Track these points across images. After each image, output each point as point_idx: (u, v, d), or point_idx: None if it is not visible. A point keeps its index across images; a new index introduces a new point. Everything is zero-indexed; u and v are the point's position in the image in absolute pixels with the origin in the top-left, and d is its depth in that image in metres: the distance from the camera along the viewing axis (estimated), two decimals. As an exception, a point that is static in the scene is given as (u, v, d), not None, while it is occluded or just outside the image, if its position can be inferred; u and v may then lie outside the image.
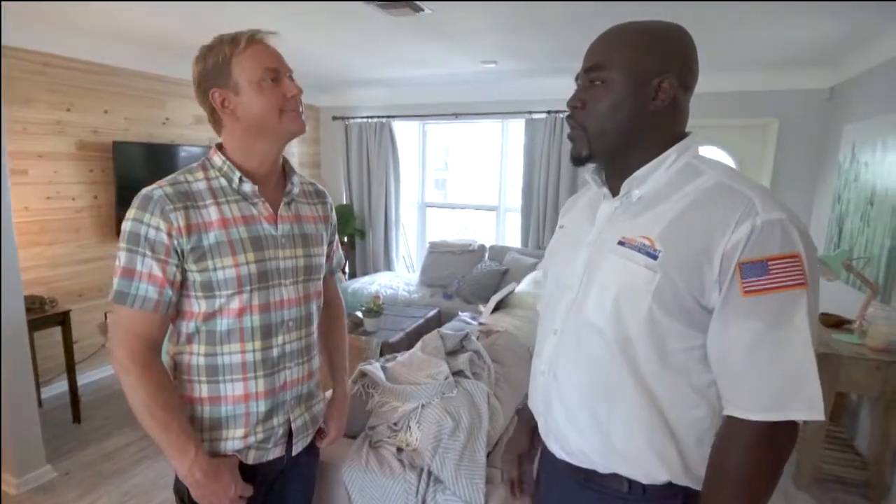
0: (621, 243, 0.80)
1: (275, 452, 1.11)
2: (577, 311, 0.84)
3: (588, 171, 0.93)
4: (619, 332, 0.78)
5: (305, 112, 1.09)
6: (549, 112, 4.27)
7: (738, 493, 0.73)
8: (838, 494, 2.36)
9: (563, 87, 4.18)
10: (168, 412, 0.98)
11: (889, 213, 2.49)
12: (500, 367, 1.92)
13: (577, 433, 0.85)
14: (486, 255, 4.41)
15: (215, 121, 1.05)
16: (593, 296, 0.82)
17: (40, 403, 2.92)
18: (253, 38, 1.01)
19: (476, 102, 4.58)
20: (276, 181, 1.12)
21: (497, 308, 2.67)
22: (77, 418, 2.88)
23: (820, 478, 2.40)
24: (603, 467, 0.84)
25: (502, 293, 2.70)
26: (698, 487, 0.79)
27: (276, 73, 1.02)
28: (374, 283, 4.35)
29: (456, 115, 4.67)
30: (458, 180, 5.66)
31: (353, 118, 5.04)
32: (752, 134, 3.83)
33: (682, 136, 0.83)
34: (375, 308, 3.05)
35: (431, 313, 3.47)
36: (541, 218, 4.44)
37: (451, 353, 1.88)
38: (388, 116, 4.89)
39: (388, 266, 5.13)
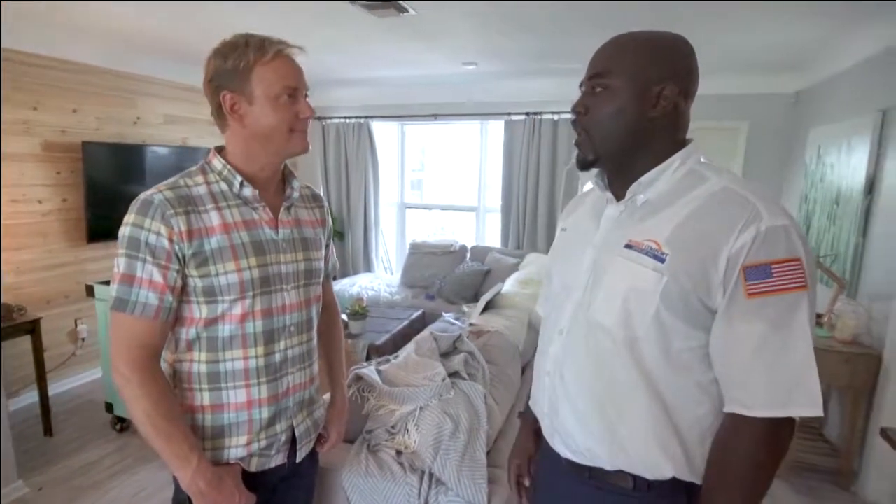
0: (628, 246, 0.82)
1: (277, 459, 1.10)
2: (585, 313, 0.86)
3: (592, 176, 0.96)
4: (627, 332, 0.80)
5: None
6: (527, 114, 4.32)
7: (741, 488, 0.76)
8: (811, 482, 2.47)
9: (541, 90, 4.25)
10: (171, 421, 0.96)
11: (854, 212, 2.62)
12: (494, 368, 1.94)
13: (584, 432, 0.87)
14: (468, 256, 4.43)
15: (220, 118, 1.04)
16: (601, 297, 0.84)
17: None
18: (280, 52, 0.99)
19: (455, 103, 4.60)
20: (276, 186, 1.11)
21: (485, 309, 2.69)
22: (48, 431, 2.77)
23: (793, 466, 2.51)
24: (609, 465, 0.85)
25: (490, 294, 2.72)
26: (699, 481, 0.82)
27: (295, 91, 1.01)
28: (355, 286, 4.32)
29: (435, 116, 4.68)
30: (435, 181, 5.66)
31: (331, 118, 4.99)
32: (723, 136, 3.97)
33: (683, 142, 0.86)
34: (360, 310, 3.02)
35: (416, 314, 3.46)
36: (520, 218, 4.48)
37: (445, 355, 1.89)
38: (367, 117, 4.86)
39: (368, 267, 5.10)
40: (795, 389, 0.73)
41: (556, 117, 4.23)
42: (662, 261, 0.77)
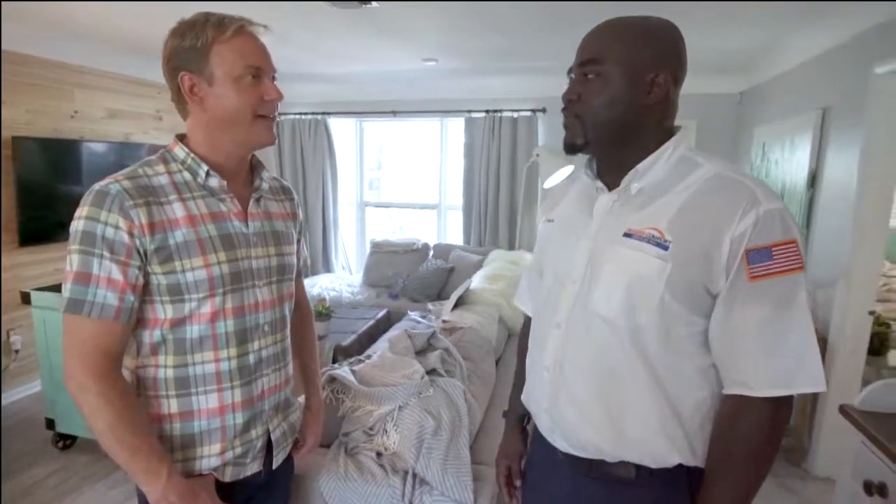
0: (628, 235, 0.81)
1: (252, 467, 1.04)
2: (583, 304, 0.85)
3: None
4: (631, 321, 0.80)
5: None
6: (487, 111, 4.34)
7: (746, 468, 0.78)
8: (765, 460, 2.60)
9: (501, 87, 4.28)
10: (136, 433, 0.88)
11: (798, 205, 2.78)
12: (470, 364, 1.93)
13: (587, 425, 0.86)
14: (431, 254, 4.40)
15: (180, 103, 0.96)
16: (601, 288, 0.83)
17: (-68, 438, 2.53)
18: (242, 29, 0.93)
19: (415, 100, 4.56)
20: (244, 177, 1.05)
21: (455, 306, 2.67)
22: (-20, 452, 2.52)
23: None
24: (611, 456, 0.85)
25: (460, 290, 2.71)
26: (702, 465, 0.83)
27: (259, 71, 0.95)
28: (316, 286, 4.20)
29: (394, 113, 4.62)
30: (393, 179, 5.60)
31: (286, 114, 4.83)
32: (674, 134, 4.12)
33: (672, 129, 0.87)
34: (324, 311, 2.94)
35: (381, 314, 3.41)
36: (482, 216, 4.50)
37: (420, 352, 1.86)
38: (324, 113, 4.73)
39: (328, 268, 4.98)
40: (799, 367, 0.74)
41: (515, 115, 4.27)
42: (666, 248, 0.77)
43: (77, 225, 0.86)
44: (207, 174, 0.96)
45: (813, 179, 2.67)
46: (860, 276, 2.32)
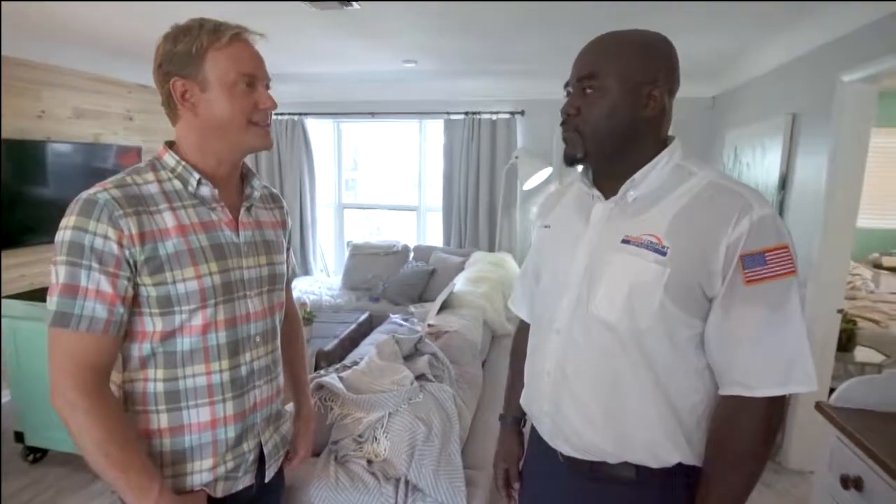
0: (626, 241, 0.84)
1: (245, 481, 1.02)
2: (584, 309, 0.87)
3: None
4: (632, 326, 0.82)
5: None
6: (466, 113, 4.35)
7: (746, 466, 0.81)
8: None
9: (479, 90, 4.29)
10: (126, 450, 0.86)
11: (769, 207, 2.87)
12: (458, 368, 1.93)
13: (590, 428, 0.87)
14: (411, 256, 4.39)
15: (170, 109, 0.94)
16: (602, 293, 0.85)
17: None
18: (238, 36, 0.92)
19: (394, 101, 4.54)
20: (234, 185, 1.03)
21: (440, 309, 2.67)
22: (-57, 469, 2.41)
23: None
24: (613, 458, 0.87)
25: (444, 294, 2.71)
26: (699, 464, 0.86)
27: (253, 79, 0.94)
28: (296, 290, 4.14)
29: (373, 114, 4.59)
30: (369, 180, 5.57)
31: (262, 115, 4.75)
32: (650, 137, 4.20)
33: (666, 139, 0.89)
34: (305, 316, 2.90)
35: (363, 317, 3.38)
36: (462, 217, 4.51)
37: (408, 358, 1.85)
38: (301, 114, 4.67)
39: (306, 271, 4.92)
40: (793, 368, 0.78)
41: (494, 117, 4.29)
42: (664, 254, 0.80)
43: (63, 235, 0.83)
44: (199, 183, 0.94)
45: (784, 182, 2.77)
46: (829, 276, 2.41)
